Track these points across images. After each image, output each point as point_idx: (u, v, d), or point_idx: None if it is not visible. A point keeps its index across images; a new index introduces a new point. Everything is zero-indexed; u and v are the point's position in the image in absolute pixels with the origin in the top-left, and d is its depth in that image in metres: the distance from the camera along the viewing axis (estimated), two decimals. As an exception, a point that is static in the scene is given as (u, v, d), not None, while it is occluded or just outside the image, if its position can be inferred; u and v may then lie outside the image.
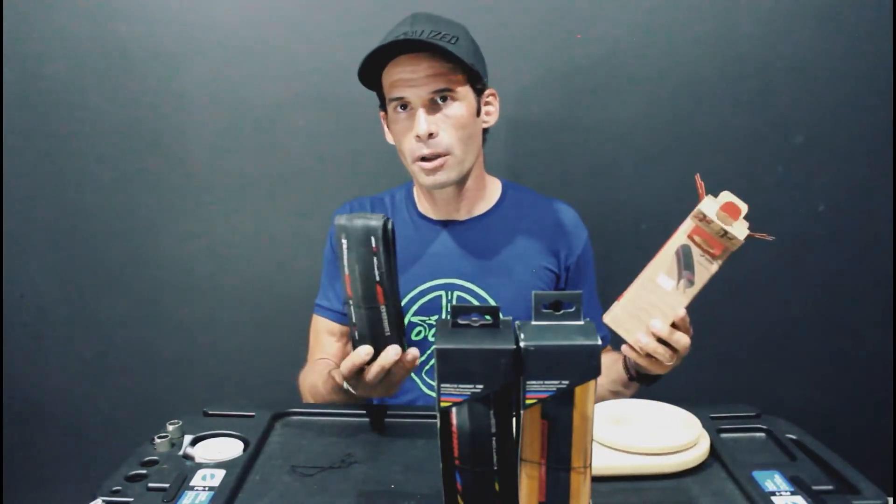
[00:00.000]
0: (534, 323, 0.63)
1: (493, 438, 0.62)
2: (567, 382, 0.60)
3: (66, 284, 1.58)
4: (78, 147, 1.51)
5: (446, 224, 1.16)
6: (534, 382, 0.60)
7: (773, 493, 0.73)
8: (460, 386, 0.60)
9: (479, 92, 1.09)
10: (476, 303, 1.11)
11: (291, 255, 1.55)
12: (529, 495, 0.64)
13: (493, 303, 1.12)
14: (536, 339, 0.60)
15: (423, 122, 1.02)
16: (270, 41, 1.46)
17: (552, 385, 0.60)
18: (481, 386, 0.60)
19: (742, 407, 0.95)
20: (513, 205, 1.18)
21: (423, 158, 1.05)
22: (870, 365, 1.55)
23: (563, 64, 1.46)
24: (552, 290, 1.14)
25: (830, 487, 0.74)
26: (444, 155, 1.04)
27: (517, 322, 0.64)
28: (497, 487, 0.64)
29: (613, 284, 1.23)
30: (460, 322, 0.63)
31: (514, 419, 0.63)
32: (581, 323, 0.62)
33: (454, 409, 0.61)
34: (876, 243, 1.50)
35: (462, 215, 1.16)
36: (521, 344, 0.60)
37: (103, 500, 0.73)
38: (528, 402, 0.60)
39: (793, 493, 0.73)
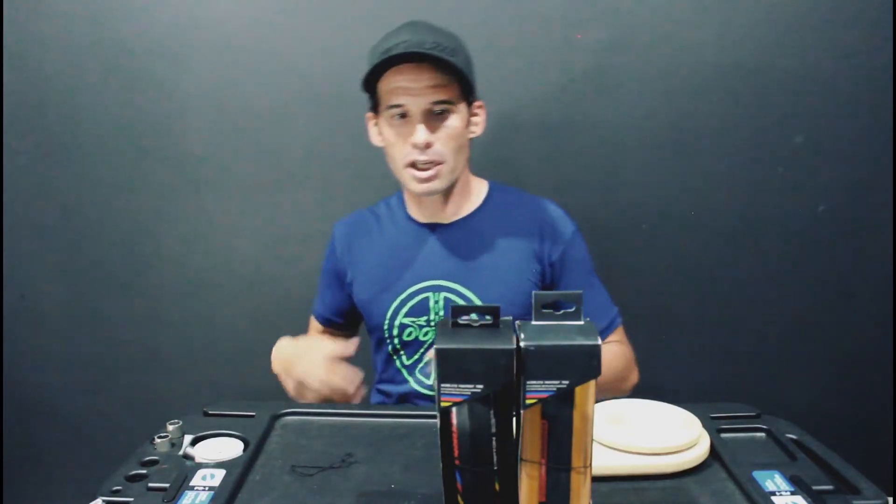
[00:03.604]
0: (534, 323, 0.62)
1: (494, 438, 0.62)
2: (567, 382, 0.60)
3: (66, 284, 1.58)
4: (78, 147, 1.51)
5: (433, 227, 1.18)
6: (534, 382, 0.60)
7: (773, 493, 0.73)
8: (460, 386, 0.60)
9: (469, 104, 1.12)
10: (462, 303, 1.13)
11: (291, 255, 1.55)
12: (529, 495, 0.64)
13: (479, 303, 1.13)
14: (536, 339, 0.60)
15: (423, 132, 1.05)
16: (271, 41, 1.46)
17: (552, 385, 0.60)
18: (481, 386, 0.60)
19: (742, 407, 0.94)
20: (498, 205, 1.20)
21: (415, 165, 1.08)
22: (870, 365, 1.55)
23: (563, 64, 1.46)
24: (538, 287, 1.15)
25: (830, 487, 0.74)
26: (439, 164, 1.08)
27: (517, 322, 0.64)
28: (497, 487, 0.64)
29: (614, 284, 1.23)
30: (460, 322, 0.63)
31: (514, 419, 0.63)
32: (581, 323, 0.62)
33: (454, 409, 0.61)
34: (876, 243, 1.50)
35: (448, 218, 1.18)
36: (521, 344, 0.59)
37: (103, 500, 0.73)
38: (528, 401, 0.60)
39: (793, 493, 0.73)
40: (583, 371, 0.60)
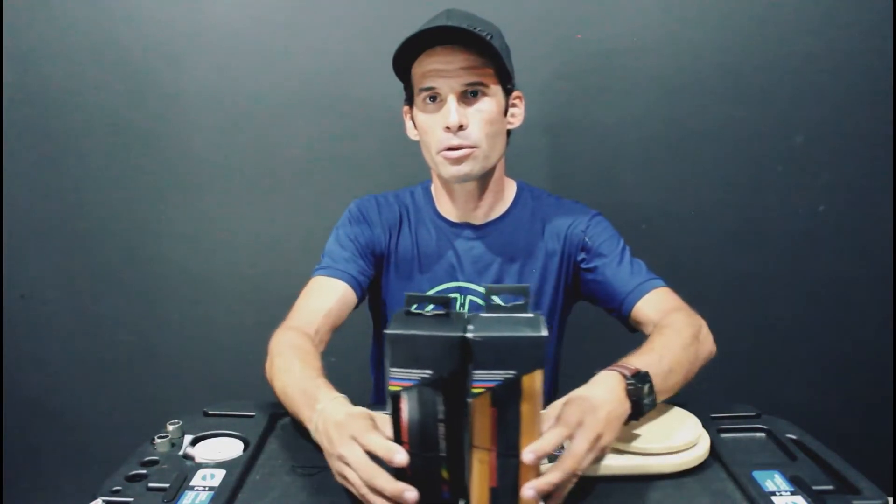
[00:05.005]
0: (483, 315, 0.65)
1: (441, 424, 0.64)
2: (514, 372, 0.61)
3: (66, 284, 1.58)
4: (77, 147, 1.51)
5: (464, 227, 1.16)
6: (480, 372, 0.61)
7: (773, 493, 0.73)
8: (410, 371, 0.62)
9: (507, 92, 1.09)
10: None
11: (291, 255, 1.55)
12: (481, 481, 0.65)
13: None
14: (484, 329, 0.61)
15: (455, 112, 1.01)
16: (271, 42, 1.46)
17: (499, 375, 0.61)
18: (430, 371, 0.62)
19: (742, 407, 0.95)
20: (527, 207, 1.18)
21: (450, 149, 1.04)
22: (870, 365, 1.55)
23: (562, 64, 1.46)
24: (568, 290, 1.16)
25: (830, 487, 0.74)
26: (472, 147, 1.03)
27: (469, 314, 0.66)
28: (445, 474, 0.65)
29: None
30: (414, 311, 0.65)
31: (464, 407, 0.64)
32: (530, 315, 0.64)
33: (404, 395, 0.63)
34: (876, 243, 1.50)
35: (479, 218, 1.15)
36: (469, 335, 0.61)
37: (103, 500, 0.73)
38: (475, 391, 0.62)
39: (793, 493, 0.73)
40: (528, 362, 0.61)
